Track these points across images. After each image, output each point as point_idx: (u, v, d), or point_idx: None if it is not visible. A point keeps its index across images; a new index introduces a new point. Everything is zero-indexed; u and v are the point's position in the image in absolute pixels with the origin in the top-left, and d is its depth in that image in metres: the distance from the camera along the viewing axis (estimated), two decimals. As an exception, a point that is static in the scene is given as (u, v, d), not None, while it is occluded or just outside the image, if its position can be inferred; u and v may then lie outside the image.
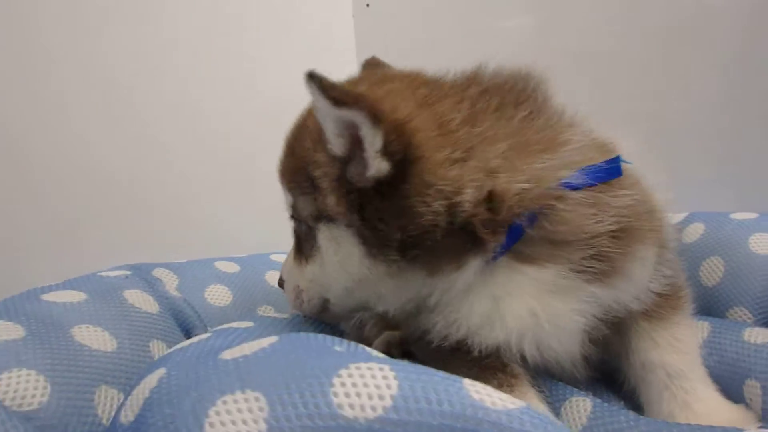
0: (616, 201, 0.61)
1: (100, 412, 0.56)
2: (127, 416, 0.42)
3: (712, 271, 0.86)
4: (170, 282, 0.91)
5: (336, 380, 0.37)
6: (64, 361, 0.57)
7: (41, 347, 0.57)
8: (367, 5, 1.50)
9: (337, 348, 0.45)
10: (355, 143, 0.60)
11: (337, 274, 0.67)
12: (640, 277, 0.65)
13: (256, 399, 0.36)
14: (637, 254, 0.63)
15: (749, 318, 0.80)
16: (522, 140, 0.62)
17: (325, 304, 0.71)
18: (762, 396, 0.64)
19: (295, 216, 0.70)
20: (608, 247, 0.61)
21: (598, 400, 0.62)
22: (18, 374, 0.52)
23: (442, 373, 0.39)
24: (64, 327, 0.62)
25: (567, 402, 0.64)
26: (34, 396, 0.52)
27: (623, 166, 0.63)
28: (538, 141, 0.62)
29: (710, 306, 0.84)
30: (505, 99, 0.65)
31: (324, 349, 0.44)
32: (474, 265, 0.61)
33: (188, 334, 0.80)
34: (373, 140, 0.57)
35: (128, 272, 0.82)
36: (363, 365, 0.37)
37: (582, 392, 0.65)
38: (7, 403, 0.50)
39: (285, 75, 1.28)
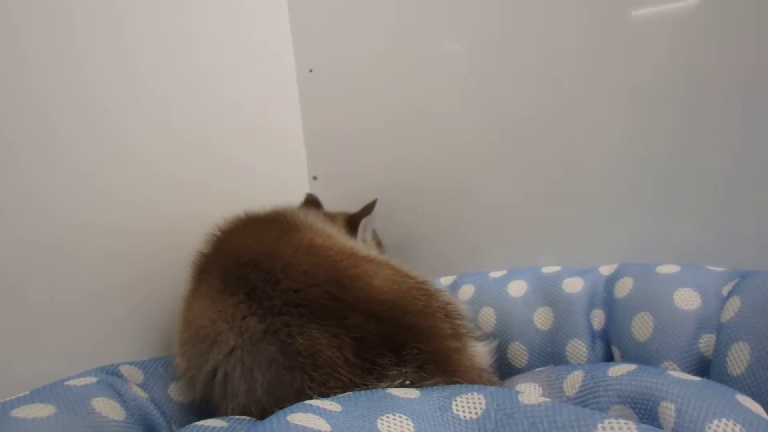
0: None
1: None
2: None
3: (643, 326, 0.93)
4: (135, 378, 0.93)
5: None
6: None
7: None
8: (310, 71, 1.64)
9: None
10: None
11: None
12: None
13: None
14: None
15: (677, 370, 0.86)
16: None
17: None
18: None
19: None
20: None
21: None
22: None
23: None
24: (35, 446, 0.65)
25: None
26: None
27: None
28: None
29: (644, 360, 0.91)
30: None
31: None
32: None
33: (153, 436, 0.82)
34: None
35: (95, 379, 0.84)
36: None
37: None
38: None
39: (235, 143, 1.34)
